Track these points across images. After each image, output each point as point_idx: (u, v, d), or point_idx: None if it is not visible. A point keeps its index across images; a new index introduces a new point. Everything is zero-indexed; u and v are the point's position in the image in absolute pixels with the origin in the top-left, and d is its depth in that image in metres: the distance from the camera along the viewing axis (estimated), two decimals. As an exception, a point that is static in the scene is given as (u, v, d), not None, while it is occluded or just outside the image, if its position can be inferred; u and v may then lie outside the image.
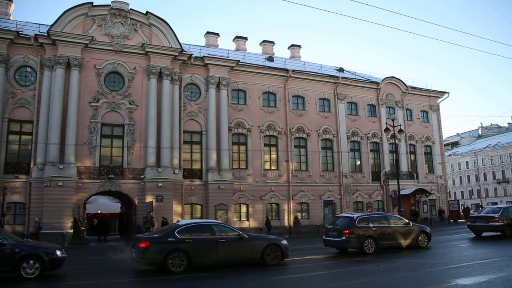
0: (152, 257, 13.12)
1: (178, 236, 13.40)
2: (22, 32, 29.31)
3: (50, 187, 27.12)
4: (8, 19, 32.61)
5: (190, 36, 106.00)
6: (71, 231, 27.01)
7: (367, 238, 16.65)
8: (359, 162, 38.99)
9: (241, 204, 33.32)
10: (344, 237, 16.67)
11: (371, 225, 17.02)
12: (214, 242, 13.69)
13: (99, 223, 32.56)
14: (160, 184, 29.20)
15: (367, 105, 40.21)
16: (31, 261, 12.57)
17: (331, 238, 17.62)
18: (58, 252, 13.26)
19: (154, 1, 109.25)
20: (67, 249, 14.82)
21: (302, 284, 11.66)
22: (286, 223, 34.08)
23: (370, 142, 39.65)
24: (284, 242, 14.97)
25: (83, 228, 27.70)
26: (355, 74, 42.03)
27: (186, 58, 32.28)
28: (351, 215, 17.87)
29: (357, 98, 39.63)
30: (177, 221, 16.37)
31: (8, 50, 28.57)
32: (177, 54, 31.60)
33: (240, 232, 14.58)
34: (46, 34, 28.96)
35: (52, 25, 28.98)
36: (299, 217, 34.21)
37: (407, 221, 18.63)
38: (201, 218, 30.95)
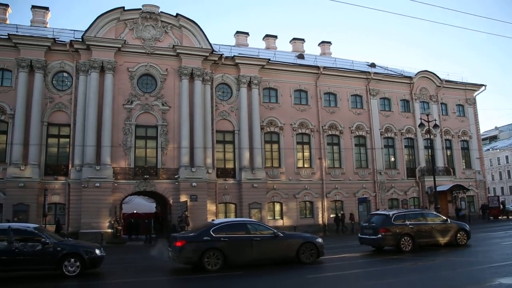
0: (188, 256, 13.32)
1: (213, 235, 13.53)
2: (58, 39, 30.16)
3: (87, 188, 27.85)
4: (45, 27, 33.67)
5: (220, 36, 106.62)
6: (109, 230, 27.71)
7: (403, 236, 16.37)
8: (393, 159, 38.31)
9: (275, 203, 33.27)
10: (380, 235, 16.46)
11: (407, 222, 16.72)
12: (249, 241, 13.76)
13: (130, 223, 33.36)
14: (194, 184, 29.49)
15: (401, 100, 39.45)
16: (72, 260, 13.00)
17: (367, 236, 17.42)
18: (97, 251, 13.65)
19: (183, 2, 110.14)
20: (105, 248, 15.18)
21: (338, 283, 11.56)
22: (320, 221, 33.85)
23: (404, 138, 38.90)
24: (319, 240, 14.91)
25: (119, 227, 28.38)
26: (387, 69, 41.32)
27: (216, 58, 32.49)
28: (387, 213, 17.62)
29: (390, 94, 38.94)
30: (212, 220, 16.50)
31: (45, 56, 29.47)
32: (207, 54, 31.84)
33: (275, 231, 14.61)
34: (80, 40, 29.72)
35: (86, 31, 29.75)
36: (334, 215, 33.99)
37: (444, 218, 18.22)
38: (235, 217, 31.08)
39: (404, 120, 39.03)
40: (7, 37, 28.80)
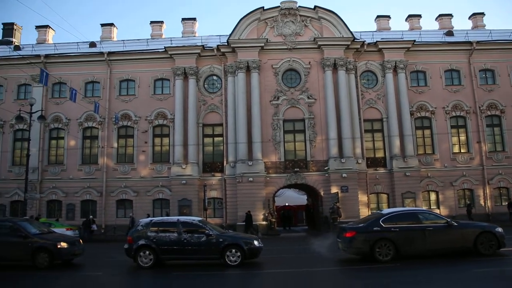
0: (359, 246, 13.29)
1: (383, 225, 13.32)
2: (206, 45, 32.35)
3: (242, 183, 29.39)
4: (194, 36, 36.34)
5: (360, 23, 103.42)
6: (264, 222, 28.80)
7: None
8: None
9: (430, 192, 31.28)
10: None
11: None
12: (421, 231, 13.21)
13: (284, 215, 34.42)
14: (344, 175, 29.20)
15: None
16: (233, 250, 13.80)
17: None
18: (256, 242, 14.26)
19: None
20: (261, 240, 15.70)
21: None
22: (482, 210, 30.92)
23: None
24: (499, 229, 13.68)
25: (273, 220, 29.36)
26: (556, 34, 35.87)
27: (359, 46, 31.73)
28: None
29: None
30: (380, 210, 16.20)
31: (196, 63, 31.95)
32: (349, 43, 31.29)
33: (449, 220, 13.82)
34: (226, 44, 31.49)
35: (230, 34, 31.41)
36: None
37: None
38: (388, 207, 30.12)
39: None
40: (163, 50, 31.87)
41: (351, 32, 31.41)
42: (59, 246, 14.32)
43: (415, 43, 32.06)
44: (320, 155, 30.42)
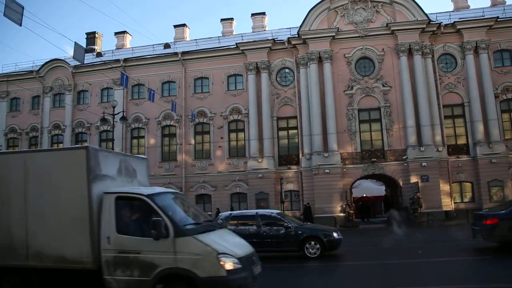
0: (503, 234, 12.68)
1: None
2: (277, 39, 32.45)
3: (318, 175, 29.24)
4: (264, 30, 36.58)
5: (436, 4, 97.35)
6: (341, 214, 28.49)
7: None
8: None
9: (520, 179, 29.34)
10: None
11: None
12: None
13: (362, 206, 33.82)
14: (424, 164, 28.12)
15: None
16: (312, 242, 13.80)
17: None
18: (335, 234, 14.19)
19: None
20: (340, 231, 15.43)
21: None
22: None
23: None
24: None
25: (351, 211, 28.98)
26: None
27: (435, 28, 30.26)
28: None
29: None
30: None
31: (268, 57, 32.18)
32: (424, 26, 29.97)
33: None
34: (297, 36, 31.39)
35: (300, 26, 31.24)
36: None
37: None
38: (472, 196, 28.88)
39: None
40: (235, 46, 32.41)
41: (426, 14, 30.08)
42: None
43: (498, 20, 29.88)
44: (398, 144, 29.54)
